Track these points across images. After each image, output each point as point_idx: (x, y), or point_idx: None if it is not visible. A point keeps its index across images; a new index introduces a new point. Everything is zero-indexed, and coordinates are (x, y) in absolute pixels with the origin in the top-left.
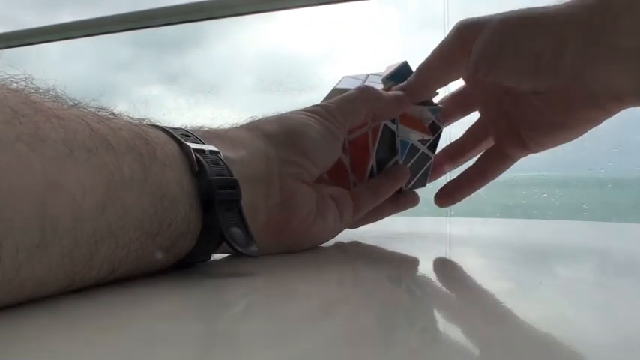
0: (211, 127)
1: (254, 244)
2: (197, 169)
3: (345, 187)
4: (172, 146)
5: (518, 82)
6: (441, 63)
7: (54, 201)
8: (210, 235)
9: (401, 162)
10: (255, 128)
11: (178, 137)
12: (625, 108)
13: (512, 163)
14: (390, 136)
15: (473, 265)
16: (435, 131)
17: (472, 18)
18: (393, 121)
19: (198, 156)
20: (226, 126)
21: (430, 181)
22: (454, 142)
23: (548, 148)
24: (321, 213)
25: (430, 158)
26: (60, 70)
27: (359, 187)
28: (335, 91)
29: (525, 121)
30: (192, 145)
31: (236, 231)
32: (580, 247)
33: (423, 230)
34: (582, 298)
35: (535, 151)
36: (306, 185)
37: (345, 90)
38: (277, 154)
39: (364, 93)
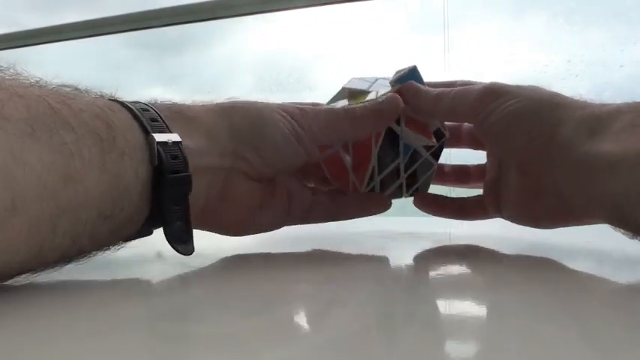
0: (186, 103)
1: (191, 240)
2: (156, 162)
3: (345, 187)
4: (135, 133)
5: (509, 154)
6: (456, 106)
7: (20, 174)
8: (154, 224)
9: (402, 166)
10: (226, 115)
11: (145, 124)
12: (595, 222)
13: (486, 218)
14: (393, 139)
15: (472, 265)
16: (440, 138)
17: (502, 86)
18: (398, 123)
19: (160, 149)
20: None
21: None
22: (466, 165)
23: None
24: (265, 208)
25: (433, 166)
26: (60, 70)
27: (322, 197)
28: (344, 91)
29: (508, 193)
30: (157, 137)
31: (178, 225)
32: (580, 246)
33: (423, 230)
34: (582, 298)
35: (507, 219)
36: (254, 181)
37: (354, 90)
38: (234, 147)
39: (350, 117)
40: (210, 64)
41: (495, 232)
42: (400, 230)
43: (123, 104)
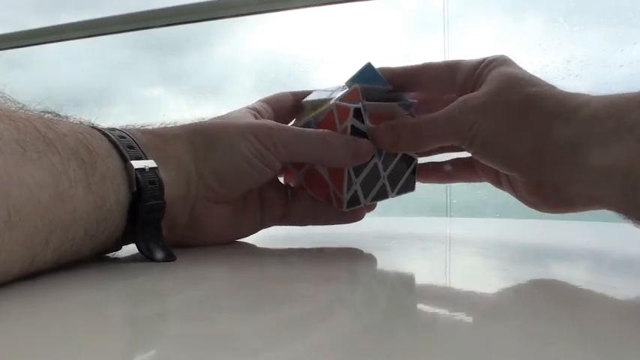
0: (156, 127)
1: (166, 252)
2: (135, 188)
3: (327, 199)
4: (114, 160)
5: (502, 170)
6: (440, 135)
7: (15, 191)
8: (127, 242)
9: (380, 164)
10: (191, 142)
11: (123, 151)
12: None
13: (477, 181)
14: (358, 132)
15: (473, 265)
16: None
17: (477, 100)
18: (362, 121)
19: (139, 176)
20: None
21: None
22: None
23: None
24: (237, 226)
25: (414, 159)
26: (60, 70)
27: (301, 200)
28: (307, 103)
29: (508, 182)
30: (136, 165)
31: (152, 245)
32: (580, 247)
33: (423, 230)
34: (581, 299)
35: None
36: (223, 205)
37: (315, 101)
38: (199, 176)
39: (325, 141)
40: (211, 65)
41: (495, 232)
42: (400, 230)
43: (101, 131)
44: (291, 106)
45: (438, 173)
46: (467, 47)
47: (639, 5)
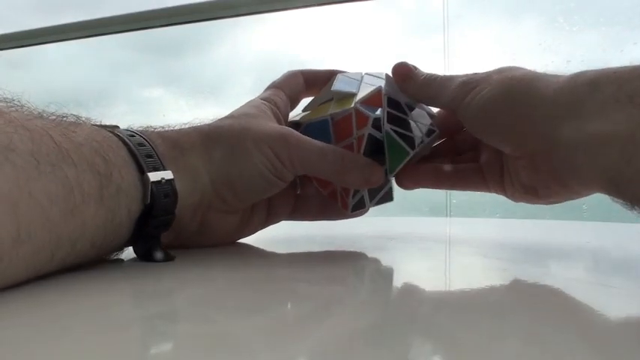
0: (173, 130)
1: (165, 252)
2: (148, 201)
3: (332, 195)
4: (131, 170)
5: (500, 148)
6: (438, 96)
7: (25, 206)
8: (127, 245)
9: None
10: (208, 150)
11: (141, 162)
12: (595, 192)
13: (485, 191)
14: (375, 141)
15: (473, 265)
16: (430, 134)
17: (474, 78)
18: (380, 130)
19: (154, 189)
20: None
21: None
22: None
23: (524, 202)
24: (241, 229)
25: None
26: (61, 71)
27: (310, 196)
28: (331, 93)
29: (510, 173)
30: (151, 177)
31: (149, 249)
32: (580, 247)
33: (422, 230)
34: (581, 298)
35: (509, 197)
36: (232, 214)
37: (344, 93)
38: (213, 187)
39: (342, 165)
40: (211, 65)
41: (495, 232)
42: (400, 230)
43: (120, 138)
44: (303, 88)
45: (445, 178)
46: (467, 48)
47: (639, 5)
